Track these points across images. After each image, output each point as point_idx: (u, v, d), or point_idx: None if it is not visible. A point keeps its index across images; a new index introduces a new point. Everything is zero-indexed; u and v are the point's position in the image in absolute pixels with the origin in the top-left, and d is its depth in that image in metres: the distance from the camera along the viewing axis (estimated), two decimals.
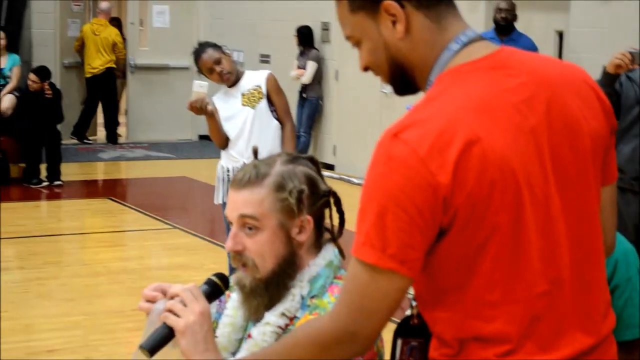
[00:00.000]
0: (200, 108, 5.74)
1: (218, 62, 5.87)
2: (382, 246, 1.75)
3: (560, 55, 9.22)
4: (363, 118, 11.33)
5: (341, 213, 2.33)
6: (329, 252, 2.29)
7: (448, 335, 1.87)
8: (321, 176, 2.32)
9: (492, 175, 1.76)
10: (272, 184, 2.21)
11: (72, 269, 7.61)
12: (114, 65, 14.18)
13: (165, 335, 2.07)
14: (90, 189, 11.72)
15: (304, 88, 12.40)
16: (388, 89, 2.28)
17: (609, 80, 5.02)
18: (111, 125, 14.42)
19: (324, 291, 2.24)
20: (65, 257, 8.22)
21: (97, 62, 14.00)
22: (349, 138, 11.74)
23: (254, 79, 6.04)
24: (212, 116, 5.87)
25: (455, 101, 1.81)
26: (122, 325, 5.93)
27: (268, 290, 2.23)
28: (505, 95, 1.83)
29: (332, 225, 2.32)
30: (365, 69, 2.00)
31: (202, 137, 14.15)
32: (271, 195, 2.20)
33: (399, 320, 2.08)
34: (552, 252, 1.85)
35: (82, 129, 14.17)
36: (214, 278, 2.19)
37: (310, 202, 2.25)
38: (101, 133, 14.66)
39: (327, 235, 2.33)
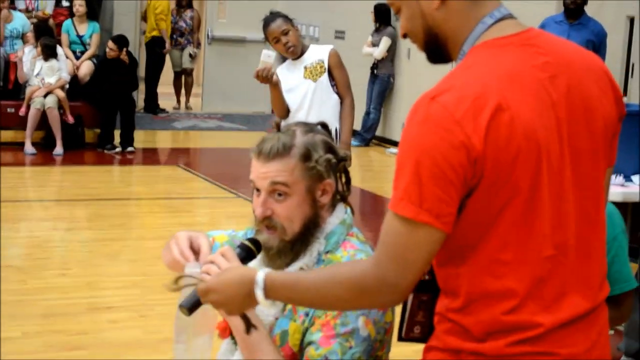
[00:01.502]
0: (266, 77, 5.88)
1: (285, 33, 5.96)
2: (419, 201, 1.87)
3: (630, 41, 9.15)
4: None
5: (347, 173, 2.48)
6: (341, 211, 2.46)
7: (458, 290, 1.99)
8: (333, 140, 2.49)
9: (519, 142, 1.88)
10: (300, 154, 2.37)
11: (137, 231, 7.84)
12: (158, 35, 14.17)
13: None
14: (161, 157, 12.00)
15: (376, 65, 12.48)
16: None
17: None
18: (148, 95, 14.37)
19: (337, 247, 2.40)
20: (131, 220, 8.46)
21: (148, 30, 14.19)
22: None
23: (318, 53, 6.14)
24: (275, 86, 6.00)
25: (489, 71, 1.93)
26: None
27: (293, 249, 2.38)
28: (532, 70, 1.95)
29: (343, 186, 2.48)
30: (404, 35, 2.13)
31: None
32: (300, 164, 2.37)
33: None
34: (561, 221, 1.96)
35: (152, 100, 14.34)
36: (247, 242, 2.34)
37: (333, 167, 2.42)
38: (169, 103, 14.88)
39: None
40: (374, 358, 2.33)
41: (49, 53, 11.08)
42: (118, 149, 11.29)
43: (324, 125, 2.51)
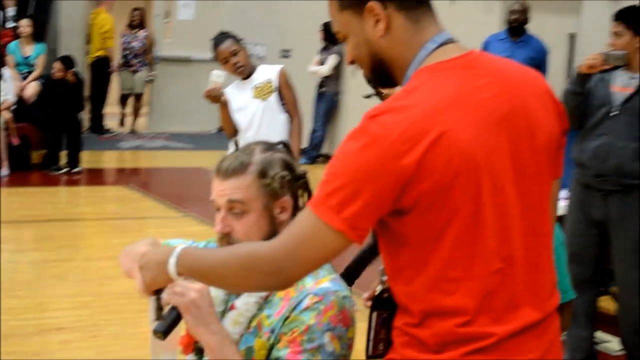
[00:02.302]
0: (215, 97, 6.02)
1: (235, 53, 6.06)
2: (339, 209, 1.93)
3: (571, 58, 9.32)
4: None
5: (309, 192, 2.53)
6: None
7: (412, 306, 2.05)
8: (294, 159, 2.53)
9: (458, 164, 1.94)
10: (256, 172, 2.42)
11: (85, 252, 7.80)
12: (104, 54, 14.15)
13: (175, 317, 2.27)
14: (108, 177, 11.95)
15: (322, 83, 12.57)
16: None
17: (581, 80, 5.04)
18: (94, 115, 14.29)
19: None
20: (80, 241, 8.43)
21: (92, 50, 14.15)
22: None
23: (267, 73, 6.23)
24: (225, 106, 6.11)
25: (432, 94, 1.99)
26: (130, 306, 6.10)
27: None
28: (474, 92, 2.02)
29: (305, 204, 2.51)
30: (351, 62, 2.20)
31: (222, 129, 14.29)
32: (256, 181, 2.42)
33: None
34: (506, 235, 2.03)
35: (97, 121, 14.25)
36: None
37: (290, 184, 2.46)
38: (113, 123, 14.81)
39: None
40: None
41: None
42: (64, 170, 11.23)
43: (285, 145, 2.56)
